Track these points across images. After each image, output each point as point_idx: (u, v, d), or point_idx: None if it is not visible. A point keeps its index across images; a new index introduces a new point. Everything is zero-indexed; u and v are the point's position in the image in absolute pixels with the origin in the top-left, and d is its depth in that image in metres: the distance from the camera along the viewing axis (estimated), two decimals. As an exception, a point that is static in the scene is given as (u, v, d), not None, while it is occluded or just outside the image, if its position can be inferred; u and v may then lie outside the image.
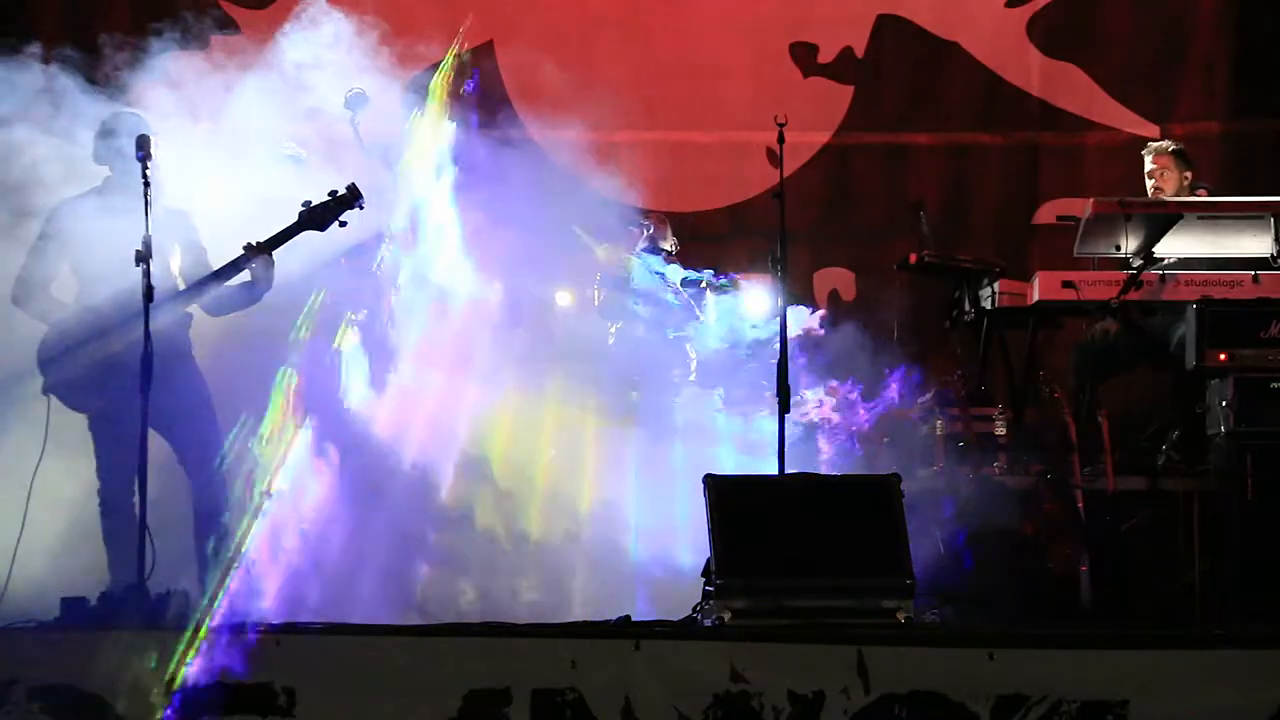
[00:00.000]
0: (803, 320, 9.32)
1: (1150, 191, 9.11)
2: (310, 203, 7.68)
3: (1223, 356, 8.01)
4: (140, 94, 8.27)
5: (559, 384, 8.46)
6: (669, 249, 9.94)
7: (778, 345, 7.92)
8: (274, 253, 7.66)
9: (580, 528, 8.23)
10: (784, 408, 7.80)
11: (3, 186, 7.93)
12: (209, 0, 10.65)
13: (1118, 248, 8.53)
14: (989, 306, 8.78)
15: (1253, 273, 8.36)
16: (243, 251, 7.61)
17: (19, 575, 7.45)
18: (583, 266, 9.38)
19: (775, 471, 7.70)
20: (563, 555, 8.11)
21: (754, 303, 9.63)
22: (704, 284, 9.45)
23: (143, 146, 7.46)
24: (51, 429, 7.52)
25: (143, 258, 7.17)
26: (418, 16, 10.29)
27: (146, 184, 7.28)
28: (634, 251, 9.57)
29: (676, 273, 9.51)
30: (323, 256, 8.12)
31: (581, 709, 6.48)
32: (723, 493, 7.23)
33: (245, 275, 7.65)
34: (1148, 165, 9.16)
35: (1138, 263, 8.45)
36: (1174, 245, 8.50)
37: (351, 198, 7.70)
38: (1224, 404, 7.91)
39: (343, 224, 7.72)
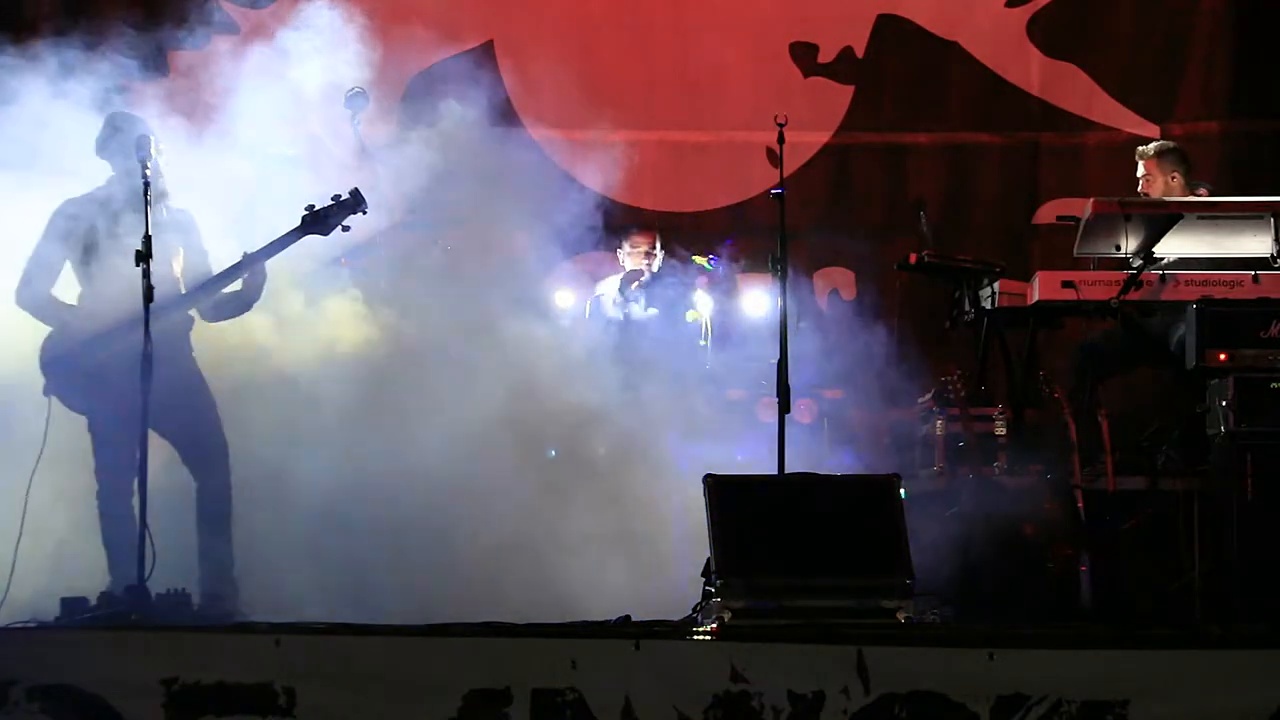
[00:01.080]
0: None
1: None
2: (314, 207, 7.68)
3: (1223, 356, 8.00)
4: (139, 93, 8.28)
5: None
6: (645, 273, 9.90)
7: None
8: (277, 255, 7.67)
9: None
10: (784, 408, 7.80)
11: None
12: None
13: (1118, 248, 8.52)
14: (989, 306, 8.77)
15: (1253, 273, 8.35)
16: (241, 258, 7.61)
17: (19, 575, 7.46)
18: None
19: (775, 471, 7.70)
20: None
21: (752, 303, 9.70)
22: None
23: (143, 147, 7.48)
24: (53, 429, 7.54)
25: (143, 258, 7.17)
26: (418, 16, 10.29)
27: (146, 184, 7.29)
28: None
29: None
30: (322, 256, 8.14)
31: (581, 709, 6.48)
32: (723, 493, 7.23)
33: (237, 284, 7.65)
34: (1138, 170, 9.17)
35: (1138, 263, 8.45)
36: (1174, 245, 8.49)
37: (355, 202, 7.70)
38: (1224, 404, 7.91)
39: (346, 228, 7.73)
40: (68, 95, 8.06)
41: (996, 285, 8.75)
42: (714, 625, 6.95)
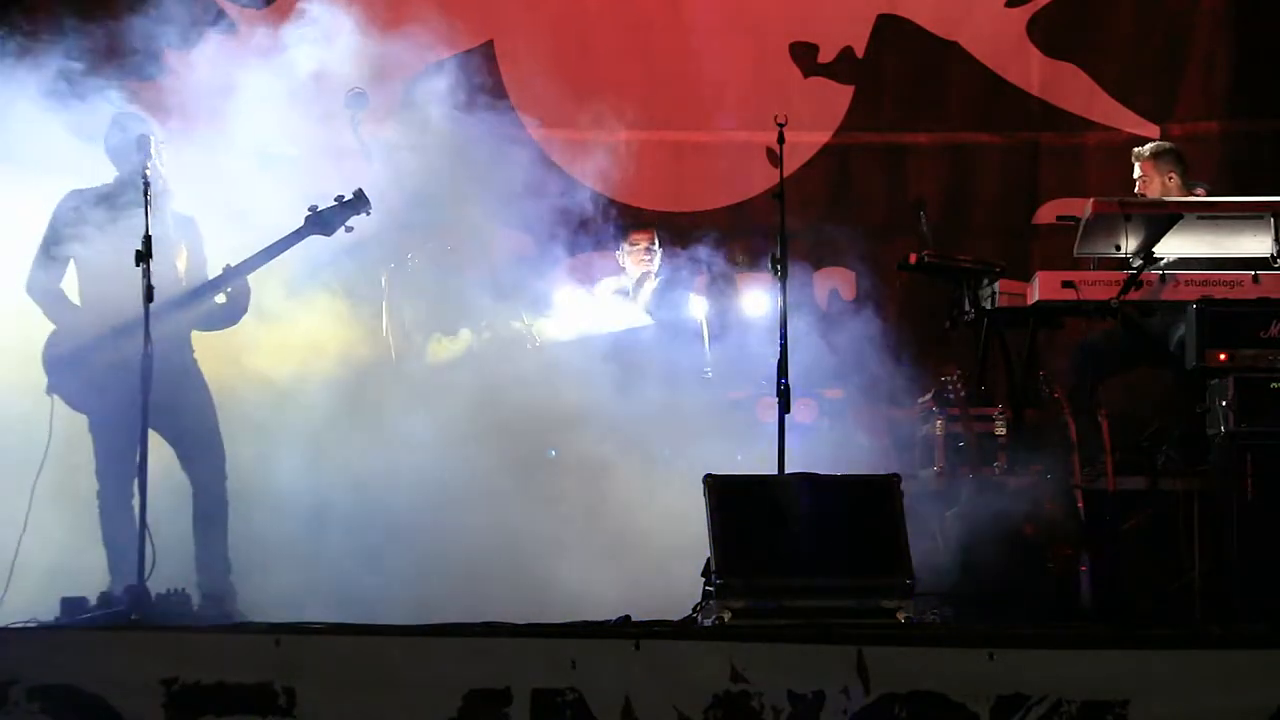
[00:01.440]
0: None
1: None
2: (317, 207, 7.67)
3: (1223, 356, 8.00)
4: (137, 94, 8.28)
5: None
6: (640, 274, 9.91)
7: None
8: (281, 256, 7.66)
9: None
10: (784, 408, 7.79)
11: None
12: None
13: (1118, 248, 8.52)
14: (989, 306, 8.76)
15: (1253, 273, 8.35)
16: (222, 271, 7.60)
17: (19, 575, 7.46)
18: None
19: (775, 471, 7.70)
20: None
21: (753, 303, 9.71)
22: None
23: (144, 147, 7.49)
24: (54, 428, 7.53)
25: (143, 257, 7.17)
26: (418, 16, 10.28)
27: (146, 184, 7.29)
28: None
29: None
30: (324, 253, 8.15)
31: (581, 709, 6.48)
32: (723, 493, 7.23)
33: (221, 296, 7.65)
34: (1134, 171, 9.18)
35: (1138, 263, 8.44)
36: (1174, 245, 8.49)
37: (358, 202, 7.70)
38: (1224, 404, 7.91)
39: (349, 229, 7.72)
40: (64, 94, 8.06)
41: (996, 285, 8.75)
42: (714, 625, 6.95)
